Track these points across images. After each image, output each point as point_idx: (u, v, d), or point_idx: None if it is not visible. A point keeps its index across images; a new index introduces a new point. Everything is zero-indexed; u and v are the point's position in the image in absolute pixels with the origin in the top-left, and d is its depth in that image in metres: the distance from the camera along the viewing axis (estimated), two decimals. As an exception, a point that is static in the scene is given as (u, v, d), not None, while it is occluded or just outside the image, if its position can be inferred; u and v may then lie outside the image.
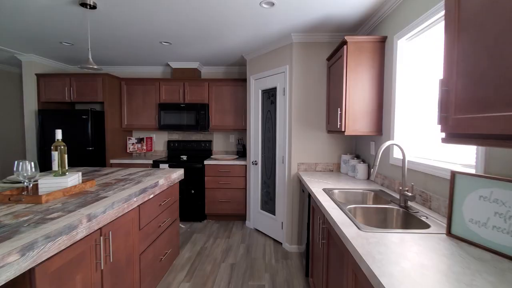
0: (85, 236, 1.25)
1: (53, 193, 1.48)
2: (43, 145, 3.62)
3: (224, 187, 3.71)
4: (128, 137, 4.20)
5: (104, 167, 2.61)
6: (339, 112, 2.22)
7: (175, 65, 4.01)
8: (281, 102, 2.96)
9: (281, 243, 3.06)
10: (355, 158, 2.59)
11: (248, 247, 2.99)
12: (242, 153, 4.11)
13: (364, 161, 2.57)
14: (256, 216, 3.45)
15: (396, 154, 1.99)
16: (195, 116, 3.89)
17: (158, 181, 2.00)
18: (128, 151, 4.17)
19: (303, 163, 2.84)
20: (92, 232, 1.30)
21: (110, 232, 1.41)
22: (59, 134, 1.66)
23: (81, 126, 3.59)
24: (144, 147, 4.28)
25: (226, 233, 3.38)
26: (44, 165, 3.65)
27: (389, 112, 2.07)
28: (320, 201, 1.68)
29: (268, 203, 3.26)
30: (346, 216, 1.39)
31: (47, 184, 1.57)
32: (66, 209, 1.29)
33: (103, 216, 1.35)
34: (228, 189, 3.71)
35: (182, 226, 3.60)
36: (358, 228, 1.22)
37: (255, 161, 3.39)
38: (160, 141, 4.39)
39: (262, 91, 3.28)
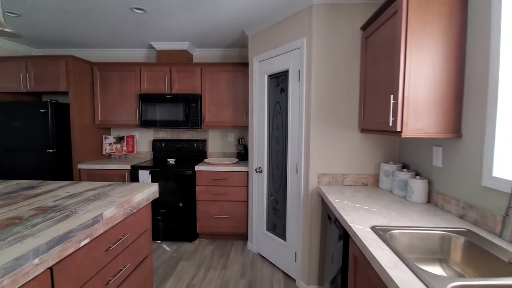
0: None
1: None
2: (-6, 146, 2.88)
3: (220, 199, 2.94)
4: (104, 136, 3.44)
5: (48, 181, 1.86)
6: (392, 102, 1.41)
7: (159, 46, 3.22)
8: (295, 90, 2.16)
9: (294, 280, 2.29)
10: (404, 170, 1.79)
11: (250, 285, 2.22)
12: (243, 155, 3.33)
13: (419, 175, 1.77)
14: (260, 238, 2.68)
15: (501, 171, 1.18)
16: (184, 110, 3.11)
17: (102, 214, 1.23)
18: (104, 152, 3.42)
19: (326, 174, 2.05)
20: None
21: None
22: None
23: (39, 122, 2.84)
24: (124, 148, 3.53)
25: (222, 260, 2.62)
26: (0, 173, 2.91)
27: (480, 100, 1.26)
28: (382, 265, 0.89)
29: (277, 224, 2.48)
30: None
31: None
32: None
33: None
34: (225, 202, 2.94)
35: (168, 249, 2.85)
36: None
37: (259, 167, 2.61)
38: (144, 140, 3.62)
39: (269, 76, 2.48)
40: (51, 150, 2.85)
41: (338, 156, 2.04)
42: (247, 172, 2.88)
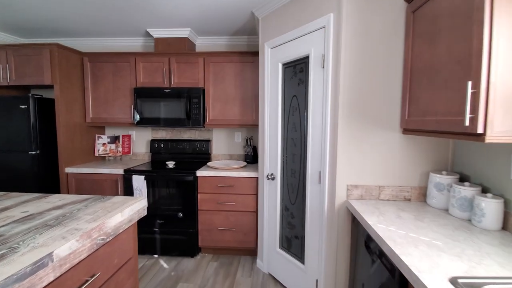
0: None
1: None
2: (-28, 146, 2.55)
3: (225, 209, 2.56)
4: (97, 135, 3.09)
5: (13, 194, 1.50)
6: (469, 91, 0.99)
7: (157, 33, 2.83)
8: (318, 80, 1.75)
9: (315, 312, 1.89)
10: (466, 184, 1.35)
11: (260, 317, 1.84)
12: (252, 158, 2.94)
13: (486, 191, 1.34)
14: (272, 257, 2.28)
15: None
16: (185, 106, 2.72)
17: (52, 253, 0.85)
18: (97, 154, 3.07)
19: (357, 186, 1.64)
20: None
21: None
22: None
23: (19, 120, 2.49)
24: (120, 149, 3.17)
25: (227, 281, 2.24)
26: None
27: None
28: None
29: (293, 243, 2.08)
30: None
31: None
32: None
33: None
34: (232, 212, 2.56)
35: (165, 266, 2.48)
36: None
37: (272, 174, 2.21)
38: (141, 140, 3.26)
39: (284, 65, 2.07)
40: (34, 152, 2.51)
41: (373, 163, 1.62)
42: (257, 178, 2.49)
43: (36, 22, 2.64)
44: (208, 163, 2.78)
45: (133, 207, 1.32)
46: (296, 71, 1.95)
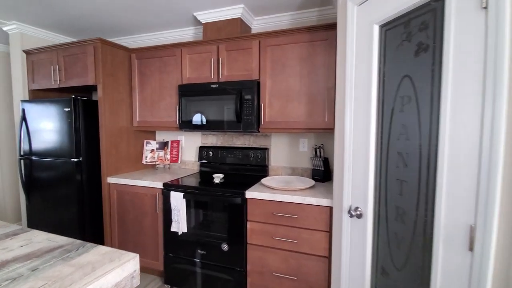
0: None
1: None
2: (26, 151, 2.50)
3: (283, 248, 1.82)
4: (145, 141, 2.78)
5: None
6: None
7: (204, 17, 2.33)
8: (470, 37, 0.85)
9: None
10: None
11: None
12: (323, 174, 2.13)
13: None
14: (355, 338, 1.43)
15: None
16: (235, 105, 2.12)
17: None
18: (144, 161, 2.75)
19: None
20: None
21: None
22: None
23: (63, 125, 2.32)
24: (168, 156, 2.79)
25: None
26: (29, 184, 2.51)
27: None
28: None
29: (396, 332, 1.20)
30: None
31: None
32: None
33: None
34: (292, 254, 1.81)
35: (204, 312, 1.91)
36: None
37: (357, 208, 1.37)
38: (191, 147, 2.83)
39: (383, 26, 1.22)
40: (76, 159, 2.29)
41: None
42: (331, 208, 1.68)
43: (80, 18, 2.46)
44: (263, 180, 2.10)
45: (104, 282, 0.72)
46: (411, 32, 1.08)
